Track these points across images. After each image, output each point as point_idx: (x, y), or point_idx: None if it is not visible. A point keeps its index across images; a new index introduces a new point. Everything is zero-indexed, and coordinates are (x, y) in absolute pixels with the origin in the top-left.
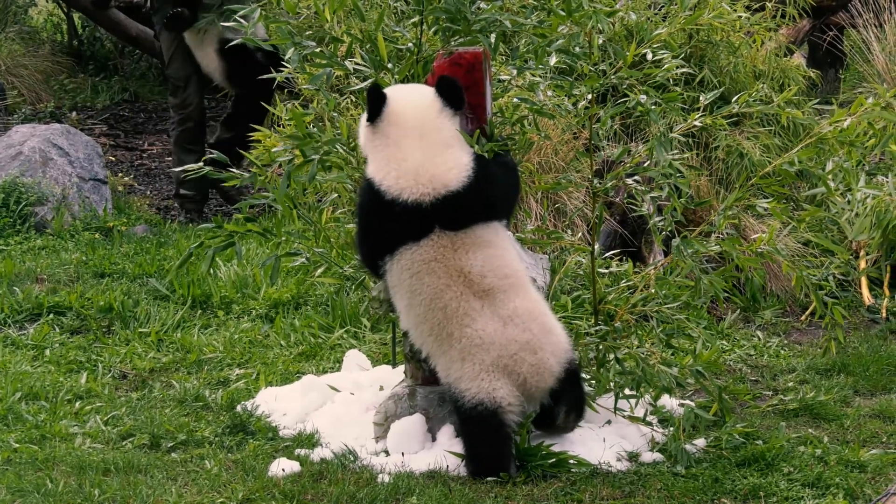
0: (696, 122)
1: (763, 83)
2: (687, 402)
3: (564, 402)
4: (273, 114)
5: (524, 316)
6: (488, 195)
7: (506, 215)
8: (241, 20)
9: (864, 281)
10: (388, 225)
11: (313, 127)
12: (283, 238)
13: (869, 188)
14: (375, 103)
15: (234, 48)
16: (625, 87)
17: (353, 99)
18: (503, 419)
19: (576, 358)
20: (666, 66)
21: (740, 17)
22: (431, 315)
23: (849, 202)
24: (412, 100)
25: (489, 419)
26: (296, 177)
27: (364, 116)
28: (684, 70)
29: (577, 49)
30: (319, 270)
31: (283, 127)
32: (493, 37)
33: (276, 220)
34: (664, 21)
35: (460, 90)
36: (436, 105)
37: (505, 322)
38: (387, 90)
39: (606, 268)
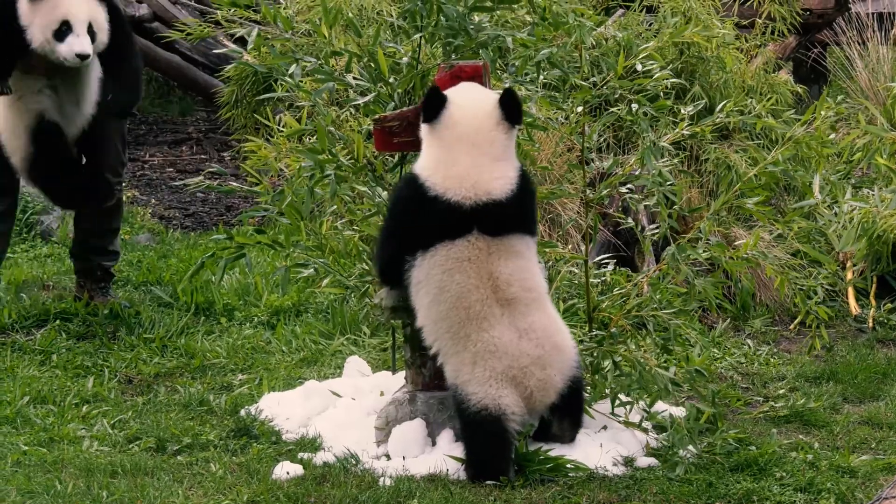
0: (684, 131)
1: (751, 98)
2: (680, 408)
3: (563, 412)
4: (266, 125)
5: (539, 332)
6: (527, 209)
7: (536, 229)
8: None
9: (851, 291)
10: (427, 220)
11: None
12: (290, 249)
13: (855, 200)
14: (434, 106)
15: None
16: (616, 97)
17: (353, 112)
18: (505, 426)
19: (581, 374)
20: (656, 76)
21: (720, 33)
22: (454, 313)
23: (836, 214)
24: (472, 107)
25: (492, 425)
26: (298, 189)
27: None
28: (675, 81)
29: (565, 60)
30: (326, 280)
31: (277, 138)
32: (490, 51)
33: (285, 232)
34: (655, 37)
35: (520, 106)
36: (494, 116)
37: (521, 334)
38: (448, 92)
39: (601, 278)
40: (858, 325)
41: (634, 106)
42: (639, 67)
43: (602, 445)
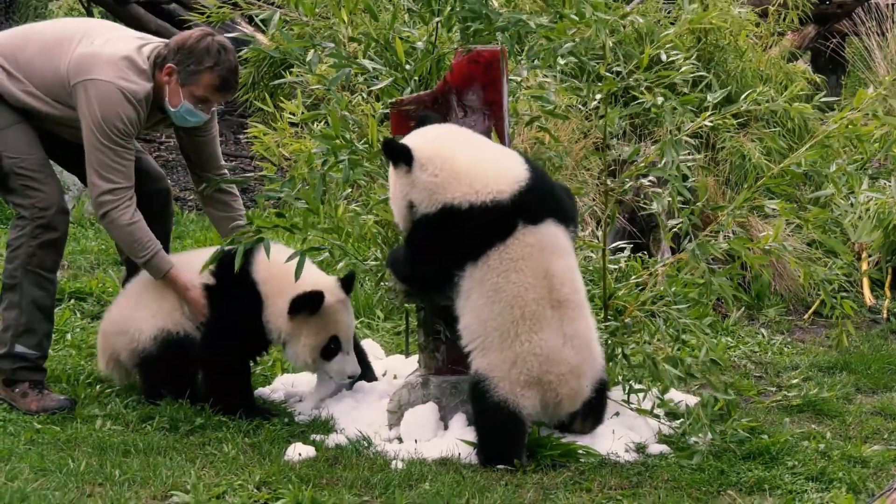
0: (707, 122)
1: (769, 87)
2: (693, 396)
3: (587, 414)
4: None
5: (581, 339)
6: (552, 190)
7: (572, 219)
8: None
9: (866, 282)
10: (472, 232)
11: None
12: (308, 233)
13: (872, 191)
14: (402, 153)
15: None
16: (642, 88)
17: (365, 96)
18: (520, 418)
19: (606, 377)
20: (683, 69)
21: (740, 13)
22: (507, 312)
23: (852, 205)
24: (435, 128)
25: (507, 419)
26: (312, 173)
27: (401, 171)
28: (699, 74)
29: (588, 51)
30: (341, 264)
31: (280, 125)
32: (507, 35)
33: (303, 216)
34: (673, 24)
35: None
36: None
37: (565, 341)
38: (403, 140)
39: (616, 265)
40: (873, 316)
41: (660, 99)
42: (663, 58)
43: (614, 432)
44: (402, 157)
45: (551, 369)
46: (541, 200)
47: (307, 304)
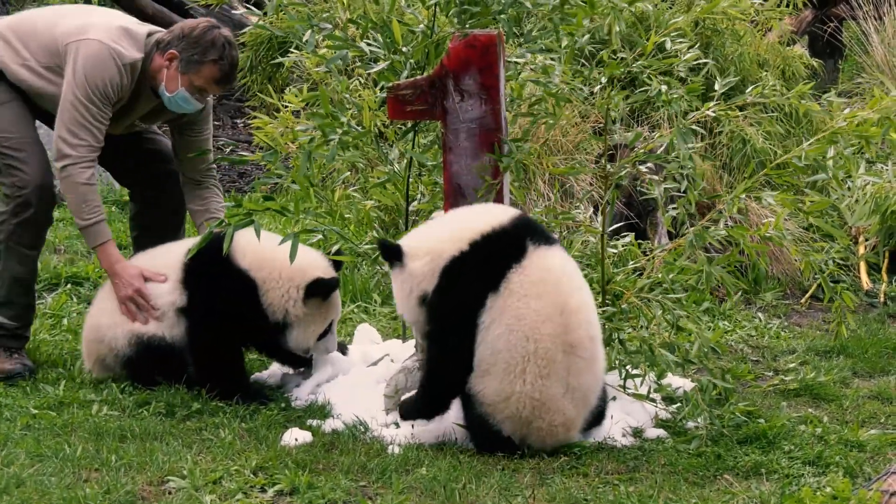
0: (710, 112)
1: (767, 72)
2: (689, 380)
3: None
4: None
5: (583, 393)
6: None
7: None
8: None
9: (862, 266)
10: (482, 265)
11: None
12: (300, 216)
13: (869, 175)
14: (392, 252)
15: None
16: (646, 75)
17: (362, 80)
18: (505, 433)
19: (604, 403)
20: (686, 57)
21: (754, 2)
22: (522, 346)
23: (849, 189)
24: (425, 223)
25: (491, 428)
26: (300, 150)
27: (398, 270)
28: (704, 62)
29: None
30: (335, 247)
31: (283, 112)
32: (506, 18)
33: (295, 198)
34: (671, 9)
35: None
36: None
37: (566, 391)
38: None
39: (614, 249)
40: (869, 300)
41: (664, 87)
42: (668, 45)
43: (612, 416)
44: (393, 254)
45: (544, 416)
46: (542, 227)
47: (322, 290)
